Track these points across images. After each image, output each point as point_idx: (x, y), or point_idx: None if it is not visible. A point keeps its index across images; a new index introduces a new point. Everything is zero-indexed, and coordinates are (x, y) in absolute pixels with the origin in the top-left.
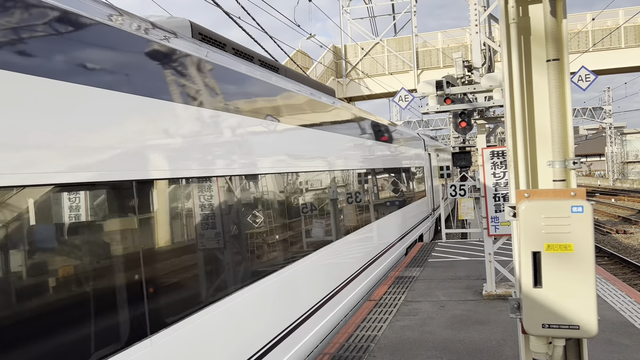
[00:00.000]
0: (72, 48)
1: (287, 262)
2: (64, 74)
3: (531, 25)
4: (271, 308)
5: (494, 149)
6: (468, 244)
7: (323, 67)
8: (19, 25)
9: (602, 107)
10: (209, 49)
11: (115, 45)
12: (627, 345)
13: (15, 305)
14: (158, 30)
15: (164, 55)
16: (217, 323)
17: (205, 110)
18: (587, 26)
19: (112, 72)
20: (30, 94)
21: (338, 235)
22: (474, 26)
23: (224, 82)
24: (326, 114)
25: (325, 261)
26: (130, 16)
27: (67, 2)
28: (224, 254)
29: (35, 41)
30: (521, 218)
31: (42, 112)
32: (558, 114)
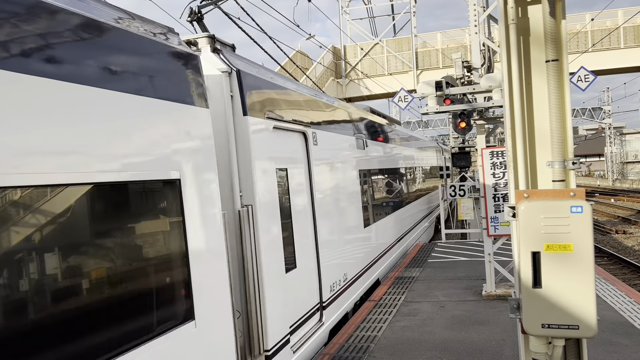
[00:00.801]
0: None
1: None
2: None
3: (530, 25)
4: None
5: (494, 149)
6: (468, 244)
7: (322, 67)
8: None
9: (602, 107)
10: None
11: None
12: (626, 345)
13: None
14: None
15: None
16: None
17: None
18: (586, 26)
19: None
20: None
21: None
22: (474, 27)
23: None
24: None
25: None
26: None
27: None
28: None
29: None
30: (521, 218)
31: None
32: (557, 114)
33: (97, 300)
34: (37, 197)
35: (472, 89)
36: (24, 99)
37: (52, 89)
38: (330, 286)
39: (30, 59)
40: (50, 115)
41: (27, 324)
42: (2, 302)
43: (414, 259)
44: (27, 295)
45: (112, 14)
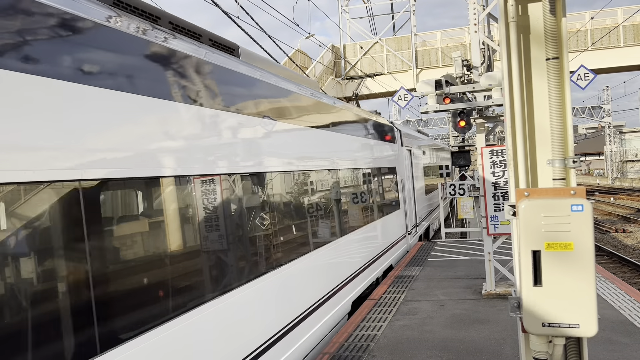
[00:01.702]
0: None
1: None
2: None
3: (530, 24)
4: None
5: (494, 148)
6: (467, 243)
7: (322, 66)
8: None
9: (601, 106)
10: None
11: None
12: (626, 344)
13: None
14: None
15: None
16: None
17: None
18: (586, 25)
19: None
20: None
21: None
22: (473, 25)
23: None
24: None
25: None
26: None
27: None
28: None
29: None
30: (521, 217)
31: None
32: (558, 112)
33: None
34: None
35: (472, 88)
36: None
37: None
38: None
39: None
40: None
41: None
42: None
43: (413, 258)
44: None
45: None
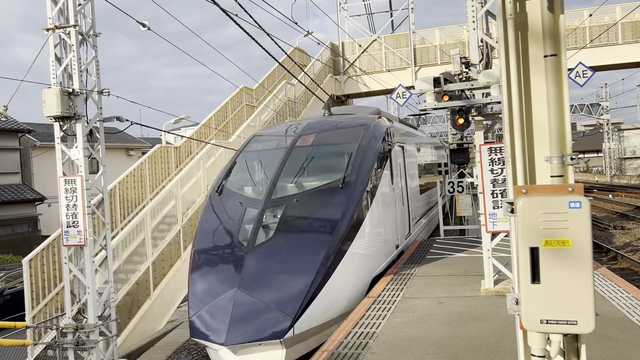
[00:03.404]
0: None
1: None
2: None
3: (528, 21)
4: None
5: (492, 146)
6: (466, 240)
7: (321, 64)
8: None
9: (600, 103)
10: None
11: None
12: (624, 341)
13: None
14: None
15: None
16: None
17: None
18: (584, 22)
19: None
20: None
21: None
22: (472, 23)
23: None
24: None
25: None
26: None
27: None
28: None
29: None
30: (519, 214)
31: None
32: (556, 110)
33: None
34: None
35: (470, 85)
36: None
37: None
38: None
39: None
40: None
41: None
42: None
43: (412, 256)
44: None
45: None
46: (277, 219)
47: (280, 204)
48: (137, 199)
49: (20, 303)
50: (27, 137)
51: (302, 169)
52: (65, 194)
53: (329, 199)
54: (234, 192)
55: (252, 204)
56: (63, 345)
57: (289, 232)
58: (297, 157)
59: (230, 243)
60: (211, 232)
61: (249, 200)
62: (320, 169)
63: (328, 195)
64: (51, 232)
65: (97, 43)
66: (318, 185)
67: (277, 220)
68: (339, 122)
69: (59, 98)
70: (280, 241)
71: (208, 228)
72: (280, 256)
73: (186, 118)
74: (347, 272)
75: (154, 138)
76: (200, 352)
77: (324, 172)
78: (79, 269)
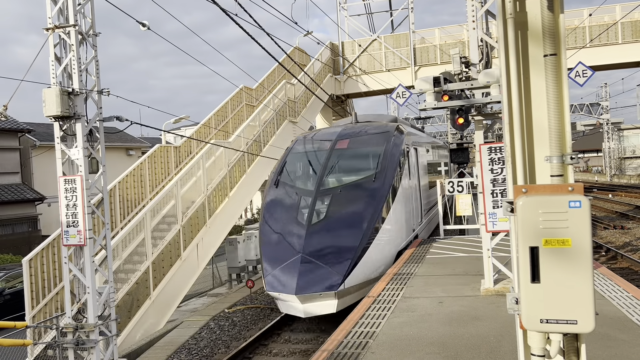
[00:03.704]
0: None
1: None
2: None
3: (528, 20)
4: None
5: (492, 145)
6: (466, 240)
7: (320, 64)
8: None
9: (600, 103)
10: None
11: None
12: (624, 340)
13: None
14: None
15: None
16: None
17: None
18: (584, 22)
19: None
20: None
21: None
22: (471, 22)
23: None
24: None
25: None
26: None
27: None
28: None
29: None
30: (519, 213)
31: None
32: (555, 109)
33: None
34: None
35: (470, 85)
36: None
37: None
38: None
39: None
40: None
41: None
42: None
43: (412, 255)
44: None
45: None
46: (326, 205)
47: (327, 194)
48: (137, 199)
49: (20, 303)
50: (27, 136)
51: (342, 167)
52: (65, 194)
53: (364, 190)
54: (289, 185)
55: (306, 194)
56: (63, 345)
57: (336, 214)
58: (337, 157)
59: (292, 222)
60: (275, 215)
61: (303, 191)
62: (355, 167)
63: (363, 188)
64: (51, 231)
65: (97, 43)
66: (355, 180)
67: (326, 206)
68: (366, 128)
69: (59, 98)
70: (330, 221)
71: (271, 212)
72: (331, 232)
73: (186, 118)
74: (379, 246)
75: (153, 138)
76: (200, 352)
77: (358, 169)
78: (78, 269)
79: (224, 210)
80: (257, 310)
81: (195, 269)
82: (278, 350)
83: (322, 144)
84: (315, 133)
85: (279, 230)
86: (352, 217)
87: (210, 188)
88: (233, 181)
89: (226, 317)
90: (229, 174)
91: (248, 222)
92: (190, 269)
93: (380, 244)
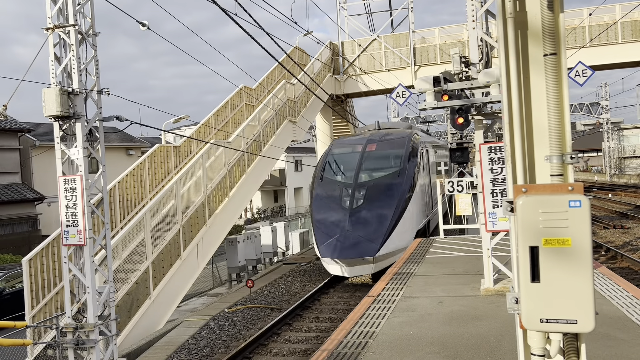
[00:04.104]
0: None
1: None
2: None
3: (528, 19)
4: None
5: (492, 145)
6: (466, 240)
7: (320, 63)
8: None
9: (599, 102)
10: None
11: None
12: (623, 340)
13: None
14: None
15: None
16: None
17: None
18: (583, 22)
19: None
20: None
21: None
22: (471, 22)
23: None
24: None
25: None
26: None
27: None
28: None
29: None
30: (519, 213)
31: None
32: (555, 109)
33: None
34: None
35: (470, 85)
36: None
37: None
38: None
39: None
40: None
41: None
42: None
43: (412, 255)
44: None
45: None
46: (362, 194)
47: (363, 186)
48: (137, 199)
49: (20, 302)
50: (27, 136)
51: (372, 165)
52: (64, 194)
53: (391, 184)
54: (331, 179)
55: (347, 186)
56: (63, 345)
57: (371, 201)
58: (368, 158)
59: (338, 207)
60: (323, 202)
61: (344, 184)
62: (383, 166)
63: (390, 182)
64: (51, 231)
65: (97, 42)
66: (384, 175)
67: (363, 195)
68: (388, 134)
69: (59, 97)
70: (367, 206)
71: (320, 199)
72: (368, 215)
73: (186, 117)
74: (403, 225)
75: (153, 137)
76: (200, 352)
77: (386, 167)
78: (78, 269)
79: (224, 210)
80: (257, 310)
81: (195, 269)
82: (278, 350)
83: (355, 147)
84: (347, 138)
85: (328, 213)
86: (383, 203)
87: (210, 188)
88: (233, 181)
89: (226, 317)
90: (229, 173)
91: (248, 222)
92: (190, 269)
93: (404, 224)
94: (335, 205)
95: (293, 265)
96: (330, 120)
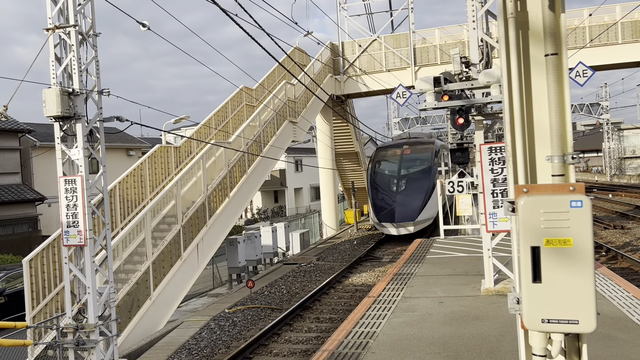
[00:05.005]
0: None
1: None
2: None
3: (529, 20)
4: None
5: (492, 145)
6: (466, 240)
7: (320, 64)
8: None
9: (600, 103)
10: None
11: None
12: (624, 340)
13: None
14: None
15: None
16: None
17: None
18: (584, 22)
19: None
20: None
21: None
22: (472, 22)
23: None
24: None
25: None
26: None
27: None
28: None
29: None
30: (520, 213)
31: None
32: (556, 109)
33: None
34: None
35: (470, 85)
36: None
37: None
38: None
39: None
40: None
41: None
42: None
43: (412, 255)
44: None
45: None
46: (404, 183)
47: (404, 177)
48: (137, 199)
49: (21, 303)
50: (27, 137)
51: (410, 163)
52: (65, 194)
53: (423, 176)
54: (381, 173)
55: (393, 177)
56: (63, 345)
57: (411, 187)
58: (405, 159)
59: (388, 190)
60: (378, 188)
61: (391, 176)
62: (417, 164)
63: (422, 175)
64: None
65: (97, 43)
66: (417, 170)
67: (404, 183)
68: (418, 141)
69: (59, 98)
70: (407, 190)
71: (376, 186)
72: (409, 195)
73: (186, 118)
74: (431, 203)
75: (154, 138)
76: (201, 352)
77: (419, 165)
78: (79, 269)
79: (224, 211)
80: (257, 311)
81: (195, 269)
82: (278, 350)
83: (395, 151)
84: (387, 144)
85: (382, 195)
86: (418, 189)
87: (211, 188)
88: (233, 181)
89: (226, 317)
90: (229, 174)
91: (248, 222)
92: (190, 269)
93: (432, 202)
94: (386, 190)
95: (293, 265)
96: (330, 120)
